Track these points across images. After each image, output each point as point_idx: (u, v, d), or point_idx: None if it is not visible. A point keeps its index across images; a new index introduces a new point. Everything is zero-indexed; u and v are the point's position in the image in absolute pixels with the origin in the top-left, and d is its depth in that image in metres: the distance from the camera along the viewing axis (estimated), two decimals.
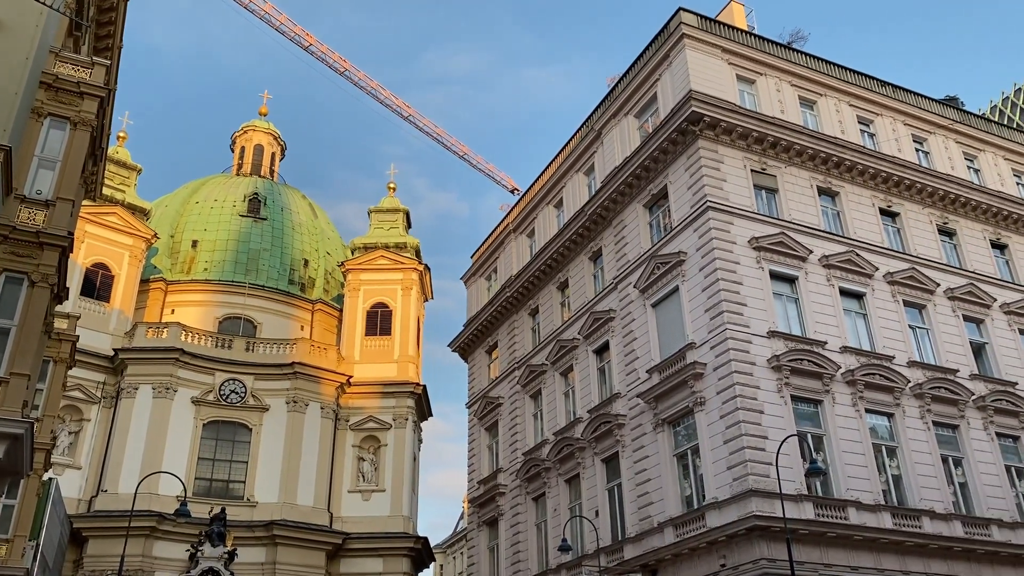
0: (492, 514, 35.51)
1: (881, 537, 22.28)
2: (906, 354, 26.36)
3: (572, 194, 34.45)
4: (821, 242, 27.03)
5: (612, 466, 28.14)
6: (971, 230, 31.10)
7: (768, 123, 27.61)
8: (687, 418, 24.72)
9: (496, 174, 77.76)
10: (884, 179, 29.57)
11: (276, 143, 58.23)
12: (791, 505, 21.27)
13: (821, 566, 21.37)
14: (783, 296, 25.67)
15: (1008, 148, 34.17)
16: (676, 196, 27.38)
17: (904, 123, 31.91)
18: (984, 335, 28.78)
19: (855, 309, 26.74)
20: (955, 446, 25.84)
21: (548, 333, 34.23)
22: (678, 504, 24.36)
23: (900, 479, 24.33)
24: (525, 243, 38.36)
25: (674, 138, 27.27)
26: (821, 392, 24.08)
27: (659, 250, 27.51)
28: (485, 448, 38.03)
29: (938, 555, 23.11)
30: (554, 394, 32.72)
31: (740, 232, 25.64)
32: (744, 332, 23.84)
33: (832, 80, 30.85)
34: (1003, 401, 27.03)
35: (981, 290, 29.26)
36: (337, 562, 39.37)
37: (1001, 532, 24.50)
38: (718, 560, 21.98)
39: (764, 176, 27.48)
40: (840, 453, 23.38)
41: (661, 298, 27.15)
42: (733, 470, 22.11)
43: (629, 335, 28.23)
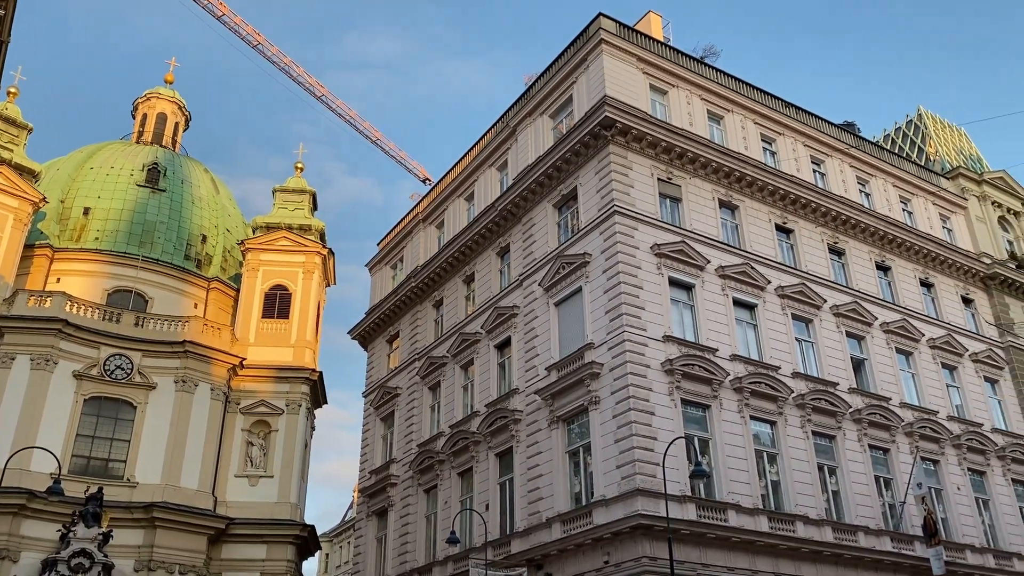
0: (382, 504, 35.27)
1: (758, 540, 23.22)
2: (791, 365, 27.54)
3: (484, 188, 34.52)
4: (719, 253, 27.93)
5: (506, 461, 28.38)
6: (859, 251, 32.72)
7: (677, 134, 28.33)
8: (582, 416, 25.15)
9: (408, 162, 77.27)
10: (781, 196, 30.78)
11: (180, 113, 56.06)
12: (675, 505, 21.92)
13: (700, 566, 22.11)
14: (680, 303, 26.41)
15: (897, 176, 36.10)
16: (585, 198, 27.80)
17: (804, 144, 33.30)
18: (864, 351, 30.34)
19: (746, 319, 27.75)
20: (831, 455, 27.15)
21: (451, 326, 34.21)
22: (567, 500, 24.77)
23: (779, 485, 25.39)
24: (434, 234, 38.21)
25: (586, 141, 27.67)
26: (710, 397, 24.90)
27: (565, 250, 27.87)
28: (379, 438, 37.74)
29: (809, 558, 24.26)
30: (453, 387, 32.74)
31: (643, 238, 26.24)
32: (641, 335, 24.42)
33: (740, 97, 31.90)
34: (877, 415, 28.56)
35: (864, 308, 30.82)
36: (219, 547, 38.28)
37: (867, 539, 25.90)
38: (602, 557, 22.47)
39: (670, 185, 28.19)
40: (724, 457, 24.24)
41: (564, 297, 27.52)
42: (622, 469, 22.64)
43: (531, 332, 28.51)
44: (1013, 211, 40.52)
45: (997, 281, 36.52)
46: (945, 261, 35.23)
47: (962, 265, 35.69)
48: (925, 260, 34.71)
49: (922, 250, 34.50)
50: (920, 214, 36.21)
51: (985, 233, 38.07)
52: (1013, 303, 36.80)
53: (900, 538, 26.80)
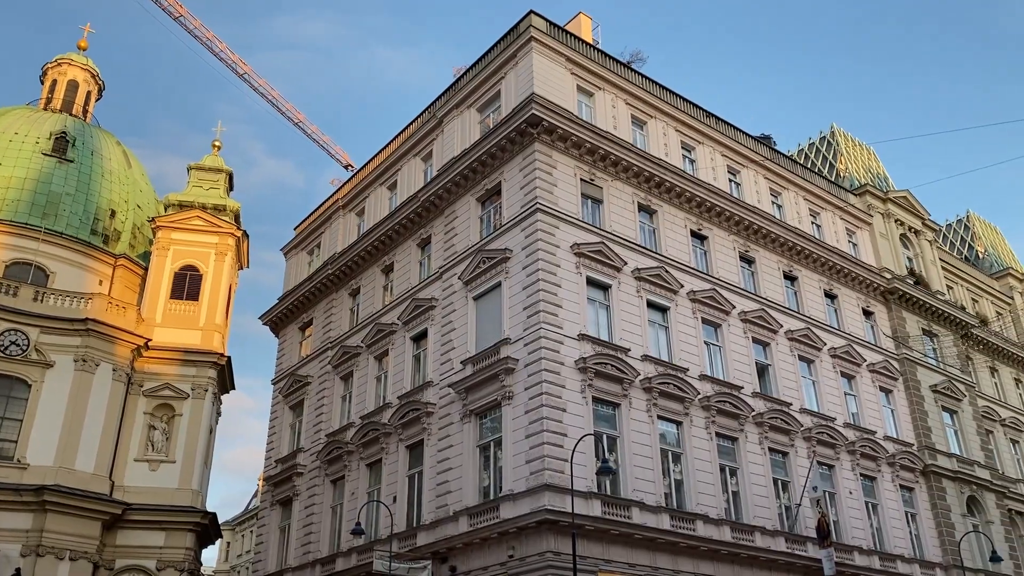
0: (287, 494, 34.68)
1: (659, 537, 23.78)
2: (699, 368, 28.27)
3: (407, 178, 34.25)
4: (636, 255, 28.45)
5: (416, 453, 28.28)
6: (768, 260, 33.80)
7: (601, 137, 28.70)
8: (494, 411, 25.26)
9: (331, 147, 75.99)
10: (698, 204, 31.54)
11: (94, 81, 53.68)
12: (581, 502, 22.25)
13: (602, 561, 22.51)
14: (596, 302, 26.79)
15: (808, 189, 37.43)
16: (509, 194, 27.89)
17: (722, 154, 34.19)
18: (769, 357, 31.38)
19: (659, 321, 28.36)
20: (732, 457, 28.00)
21: (367, 315, 33.86)
22: (475, 494, 24.86)
23: (682, 484, 26.04)
24: (353, 221, 37.72)
25: (513, 137, 27.76)
26: (620, 396, 25.36)
27: (487, 245, 27.92)
28: (287, 427, 37.09)
29: (707, 557, 24.98)
30: (366, 377, 32.42)
31: (564, 237, 26.51)
32: (557, 333, 24.67)
33: (663, 104, 32.53)
34: (778, 419, 29.59)
35: (771, 316, 31.88)
36: (114, 533, 36.97)
37: (763, 539, 26.83)
38: (507, 551, 22.63)
39: (592, 186, 28.55)
40: (631, 455, 24.72)
41: (483, 292, 27.57)
42: (531, 464, 22.85)
43: (448, 325, 28.46)
44: (914, 229, 42.52)
45: (896, 296, 38.29)
46: (849, 274, 36.73)
47: (864, 279, 37.27)
48: (830, 272, 36.11)
49: (828, 262, 35.88)
50: (828, 228, 37.65)
51: (887, 249, 39.85)
52: (910, 317, 38.65)
53: (794, 539, 27.85)
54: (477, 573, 23.59)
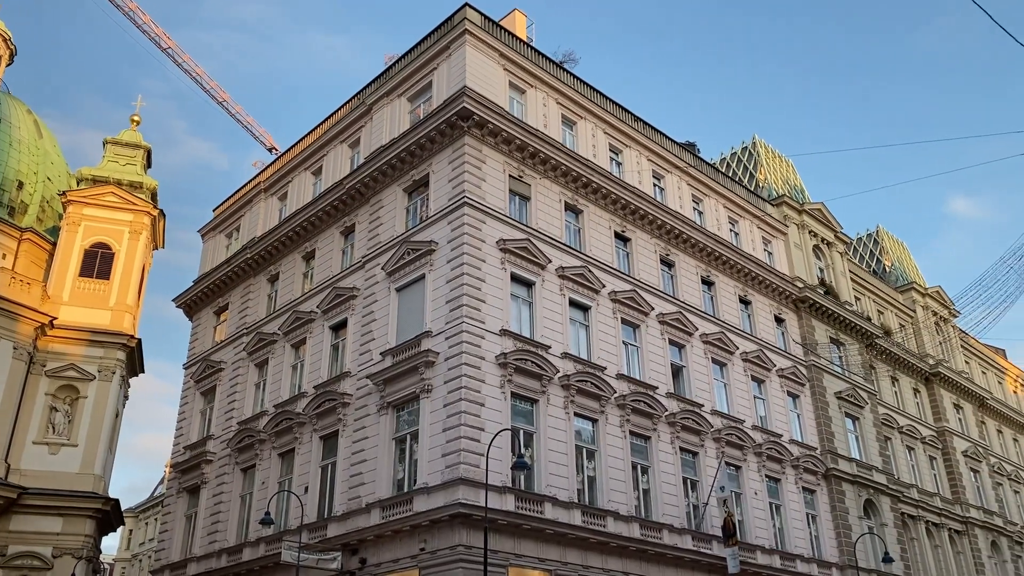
0: (195, 481, 33.80)
1: (570, 533, 24.09)
2: (617, 367, 28.72)
3: (333, 164, 33.74)
4: (560, 254, 28.71)
5: (330, 444, 27.92)
6: (687, 264, 34.57)
7: (531, 134, 28.84)
8: (412, 403, 25.14)
9: (255, 128, 74.37)
10: (623, 206, 32.01)
11: (4, 45, 51.06)
12: (495, 496, 22.35)
13: (513, 556, 22.69)
14: (519, 299, 26.93)
15: (728, 197, 38.42)
16: (436, 186, 27.77)
17: (648, 158, 34.78)
18: (684, 359, 32.09)
19: (580, 320, 28.69)
20: (645, 455, 28.56)
21: (285, 302, 33.24)
22: (389, 487, 24.70)
23: (595, 480, 26.44)
24: (275, 205, 36.95)
25: (443, 129, 27.64)
26: (538, 392, 25.56)
27: (412, 236, 27.74)
28: (198, 413, 36.13)
29: (616, 553, 25.43)
30: (282, 365, 31.84)
31: (490, 232, 26.55)
32: (479, 327, 24.71)
33: (593, 106, 32.88)
34: (690, 420, 30.31)
35: (687, 319, 32.61)
36: (8, 519, 35.34)
37: (670, 536, 27.46)
38: (419, 544, 22.59)
39: (520, 183, 28.66)
40: (547, 451, 24.96)
41: (407, 283, 27.39)
42: (447, 458, 22.84)
43: (369, 316, 28.18)
44: (827, 241, 44.10)
45: (807, 304, 39.64)
46: (763, 281, 37.86)
47: (778, 287, 38.48)
48: (745, 279, 37.15)
49: (744, 269, 36.90)
50: (745, 235, 38.71)
51: (800, 259, 41.23)
52: (819, 325, 40.08)
53: (701, 537, 28.59)
54: (387, 565, 23.48)
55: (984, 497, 48.60)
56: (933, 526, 43.01)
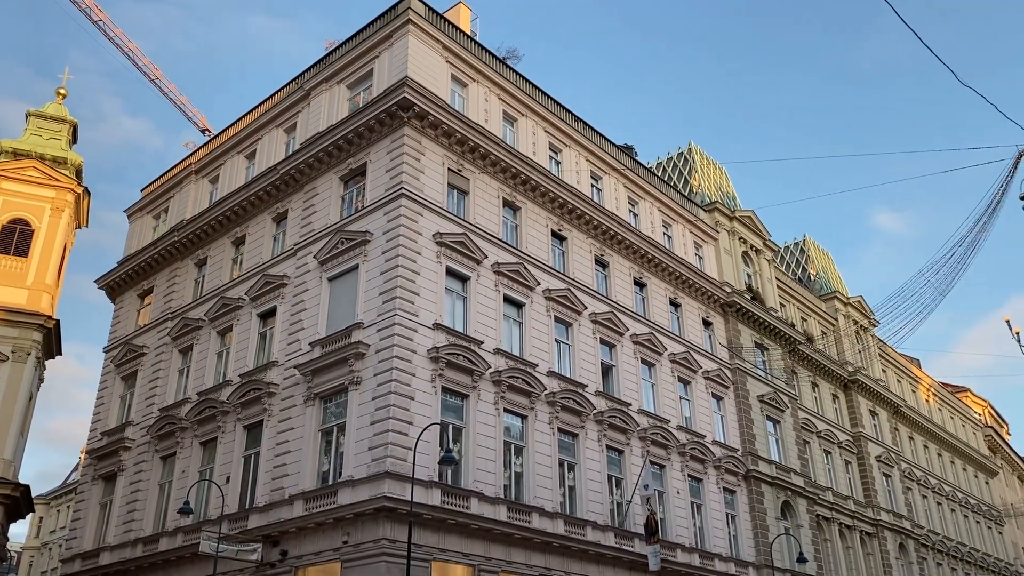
0: (112, 468, 32.77)
1: (495, 528, 24.13)
2: (548, 364, 28.89)
3: (267, 149, 33.06)
4: (497, 250, 28.71)
5: (254, 434, 27.39)
6: (621, 265, 34.97)
7: (472, 128, 28.76)
8: (340, 395, 24.83)
9: (188, 108, 72.28)
10: (560, 205, 32.20)
11: None
12: (421, 490, 22.26)
13: (437, 550, 22.62)
14: (454, 293, 26.84)
15: (663, 201, 39.00)
16: (373, 176, 27.46)
17: (587, 159, 35.05)
18: (614, 358, 32.47)
19: (514, 316, 28.76)
20: (572, 452, 28.80)
21: (213, 288, 32.46)
22: (314, 479, 24.36)
23: (522, 476, 26.54)
24: (206, 188, 36.03)
25: (382, 119, 27.34)
26: (469, 387, 25.53)
27: (347, 226, 27.38)
28: (117, 398, 35.03)
29: (540, 549, 25.59)
30: (207, 352, 31.09)
31: (427, 225, 26.39)
32: (412, 321, 24.54)
33: (535, 104, 32.96)
34: (618, 418, 30.69)
35: (619, 319, 33.00)
36: None
37: (594, 533, 27.76)
38: (342, 537, 22.33)
39: (459, 177, 28.56)
40: (475, 447, 24.96)
41: (339, 273, 27.02)
42: (374, 451, 22.63)
43: (299, 304, 27.72)
44: (755, 248, 45.15)
45: (734, 309, 40.53)
46: (693, 285, 38.56)
47: (707, 291, 39.24)
48: (677, 282, 37.78)
49: (675, 272, 37.52)
50: (678, 239, 39.36)
51: (730, 265, 42.11)
52: (744, 330, 41.02)
53: (623, 534, 28.99)
54: (309, 558, 23.16)
55: (894, 501, 50.50)
56: (846, 528, 44.48)
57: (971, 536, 60.82)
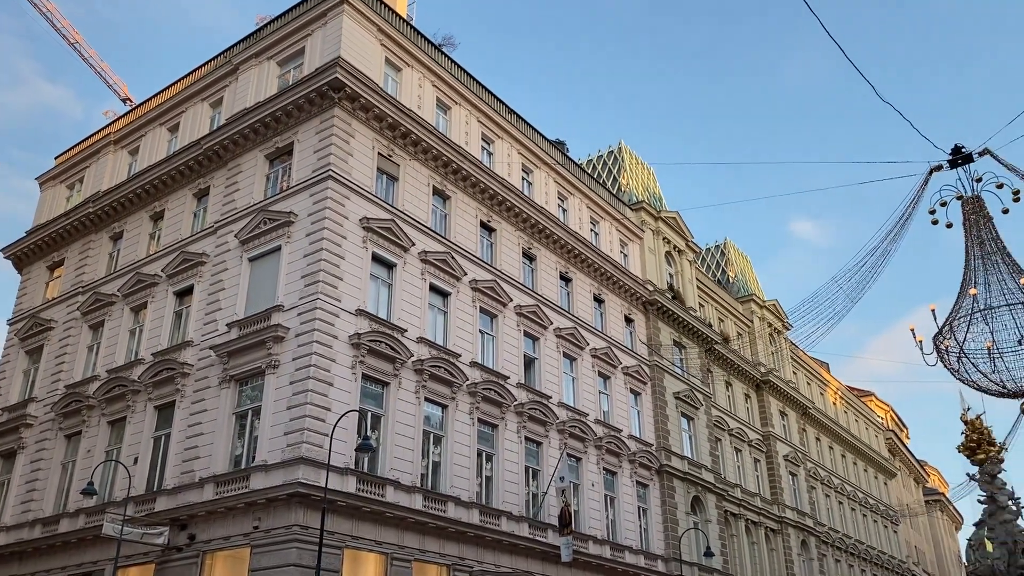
0: (11, 446, 31.40)
1: (409, 517, 24.06)
2: (471, 354, 28.91)
3: (191, 123, 32.09)
4: (425, 238, 28.56)
5: (165, 415, 26.63)
6: (548, 259, 35.22)
7: (404, 114, 28.48)
8: (257, 378, 24.34)
9: (109, 76, 69.70)
10: (491, 196, 32.21)
11: None
12: (336, 477, 22.03)
13: (350, 538, 22.43)
14: (379, 279, 26.59)
15: (591, 198, 39.41)
16: (300, 156, 26.94)
17: (519, 151, 35.14)
18: (536, 351, 32.70)
19: (439, 305, 28.66)
20: (491, 443, 28.92)
21: (128, 263, 31.38)
22: (226, 462, 23.85)
23: (439, 466, 26.53)
24: (124, 159, 34.77)
25: (312, 98, 26.84)
26: (391, 375, 25.35)
27: (271, 205, 26.81)
28: (20, 372, 33.57)
29: (454, 538, 25.63)
30: (118, 329, 30.07)
31: (354, 209, 26.05)
32: (334, 305, 24.21)
33: (469, 93, 32.85)
34: (538, 411, 30.94)
35: (544, 312, 33.25)
36: None
37: (508, 523, 27.96)
38: (252, 522, 21.93)
39: (389, 162, 28.27)
40: (393, 435, 24.82)
41: (261, 254, 26.45)
42: (289, 436, 22.28)
43: (218, 284, 27.04)
44: (678, 249, 46.05)
45: (655, 307, 41.28)
46: (617, 282, 39.11)
47: (630, 288, 39.86)
48: (601, 278, 38.26)
49: (601, 269, 37.99)
50: (604, 236, 39.85)
51: (653, 264, 42.86)
52: (664, 328, 41.83)
53: (537, 525, 29.27)
54: (218, 543, 22.68)
55: (799, 499, 52.34)
56: (752, 524, 45.89)
57: (868, 534, 63.53)
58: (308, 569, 20.45)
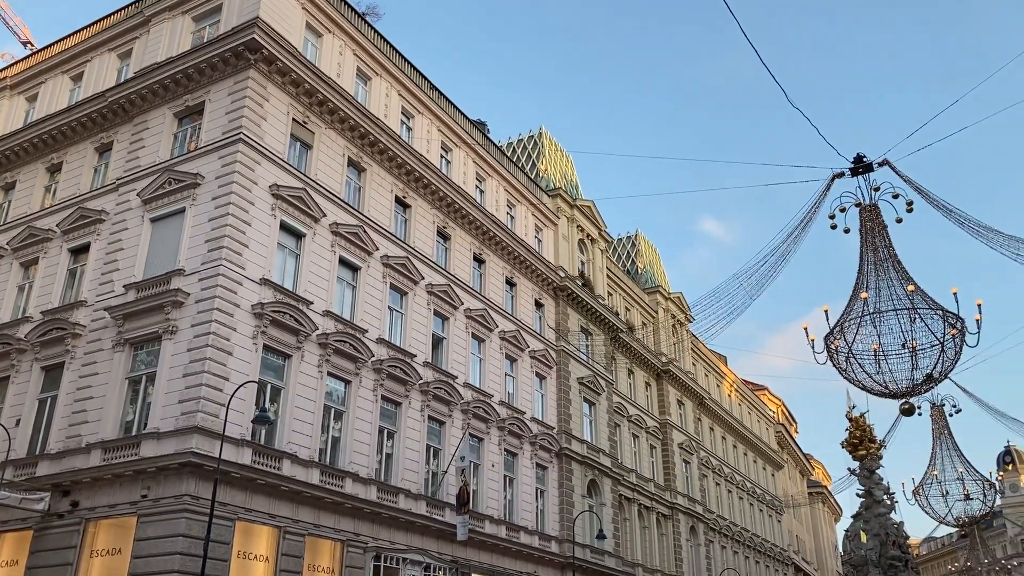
0: None
1: (305, 491, 23.76)
2: (378, 331, 28.65)
3: (97, 73, 30.58)
4: (337, 210, 28.07)
5: (53, 376, 25.49)
6: (463, 239, 35.15)
7: (323, 81, 27.85)
8: (153, 344, 23.52)
9: (9, 16, 65.64)
10: (407, 172, 31.88)
11: None
12: (231, 448, 21.56)
13: (243, 510, 22.01)
14: (286, 249, 26.02)
15: (509, 182, 39.49)
16: (211, 117, 26.03)
17: (439, 128, 34.86)
18: (445, 331, 32.66)
19: (348, 279, 28.27)
20: (393, 420, 28.78)
21: (19, 215, 29.80)
22: (116, 429, 23.01)
23: (339, 441, 26.25)
24: (21, 106, 32.91)
25: (227, 58, 25.94)
26: (293, 348, 24.90)
27: (177, 165, 25.84)
28: None
29: (350, 514, 25.46)
30: (6, 284, 28.56)
31: (264, 175, 25.37)
32: (238, 273, 23.59)
33: (391, 65, 32.36)
34: (443, 390, 30.94)
35: (455, 292, 33.20)
36: None
37: (406, 501, 27.94)
38: (141, 490, 21.28)
39: (304, 130, 27.62)
40: (293, 408, 24.42)
41: (164, 215, 25.49)
42: (184, 404, 21.66)
43: (116, 243, 25.96)
44: (591, 237, 46.67)
45: (565, 293, 41.78)
46: (530, 266, 39.38)
47: (542, 273, 40.20)
48: (514, 262, 38.45)
49: (514, 252, 38.16)
50: (520, 220, 40.02)
51: (566, 250, 43.33)
52: (573, 314, 42.40)
53: (435, 504, 29.36)
54: (103, 510, 21.91)
55: (691, 486, 54.06)
56: (645, 508, 47.19)
57: (754, 523, 66.21)
58: (197, 540, 19.98)
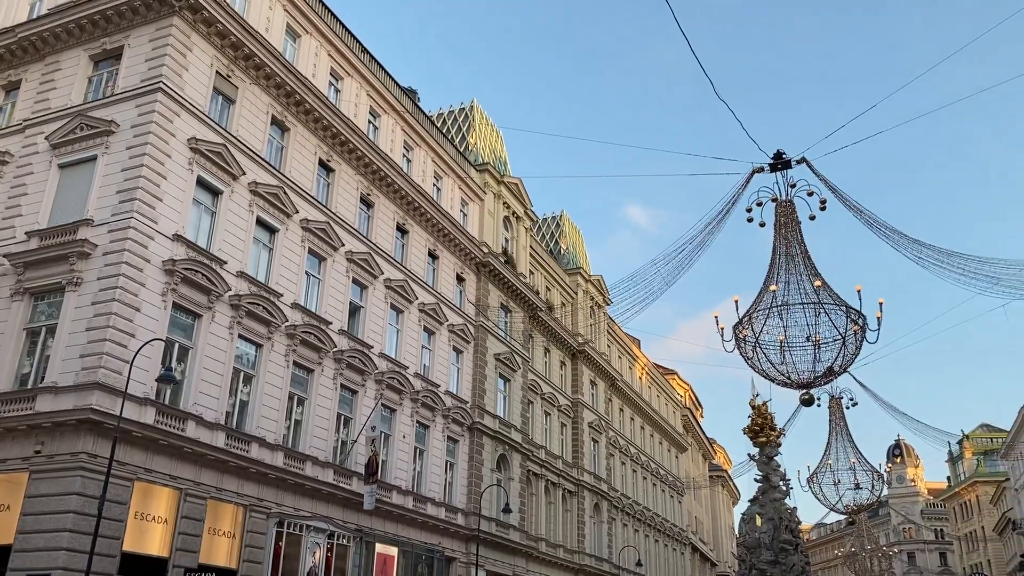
0: None
1: (209, 454, 23.30)
2: (294, 296, 28.15)
3: (6, 7, 28.90)
4: (257, 168, 27.36)
5: None
6: (386, 208, 34.74)
7: (250, 35, 26.99)
8: (55, 295, 22.57)
9: None
10: (333, 135, 31.27)
11: None
12: (134, 407, 20.94)
13: (142, 470, 21.46)
14: (202, 206, 25.25)
15: (438, 153, 39.15)
16: (129, 63, 24.95)
17: (368, 93, 34.25)
18: (364, 300, 32.32)
19: (265, 241, 27.64)
20: (304, 387, 28.40)
21: None
22: (11, 381, 22.05)
23: (247, 405, 25.78)
24: None
25: (150, 3, 24.84)
26: (204, 307, 24.27)
27: (91, 111, 24.69)
28: None
29: (255, 479, 25.09)
30: None
31: (183, 127, 24.51)
32: (149, 227, 22.79)
33: (322, 24, 31.60)
34: (357, 359, 30.66)
35: (376, 261, 32.84)
36: None
37: (313, 468, 27.69)
38: (34, 446, 20.50)
39: (227, 84, 26.76)
40: (200, 369, 23.84)
41: (73, 162, 24.38)
42: (86, 359, 20.89)
43: (20, 188, 24.72)
44: (516, 215, 46.76)
45: (487, 269, 41.83)
46: (454, 240, 39.24)
47: (466, 248, 40.12)
48: (438, 234, 38.24)
49: (439, 225, 37.94)
50: (446, 193, 39.78)
51: (491, 226, 43.30)
52: (493, 291, 42.51)
53: (343, 472, 29.19)
54: None
55: (597, 464, 55.14)
56: (552, 484, 47.94)
57: (656, 502, 68.05)
58: (92, 499, 19.38)
